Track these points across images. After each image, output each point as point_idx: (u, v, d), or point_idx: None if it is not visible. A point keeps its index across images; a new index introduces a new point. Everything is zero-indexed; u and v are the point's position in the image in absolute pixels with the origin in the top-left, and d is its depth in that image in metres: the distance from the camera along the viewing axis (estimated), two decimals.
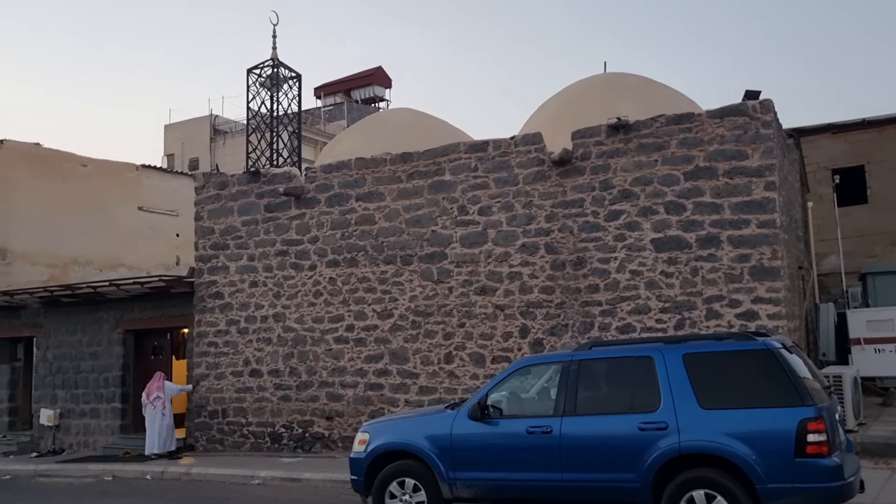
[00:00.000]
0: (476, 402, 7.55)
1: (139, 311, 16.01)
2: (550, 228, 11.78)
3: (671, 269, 10.94)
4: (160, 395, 14.47)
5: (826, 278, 19.64)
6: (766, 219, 10.46)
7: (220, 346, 14.43)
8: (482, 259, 12.24)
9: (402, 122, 15.62)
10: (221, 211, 14.65)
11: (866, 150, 21.72)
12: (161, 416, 14.38)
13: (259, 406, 13.93)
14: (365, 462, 8.03)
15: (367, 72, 45.88)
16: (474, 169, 12.42)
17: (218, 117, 40.18)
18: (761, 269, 10.43)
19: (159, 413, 14.41)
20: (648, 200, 11.15)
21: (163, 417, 14.40)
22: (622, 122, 11.30)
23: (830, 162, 21.74)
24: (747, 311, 10.46)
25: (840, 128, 22.20)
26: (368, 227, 13.19)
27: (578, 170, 11.66)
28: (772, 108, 10.57)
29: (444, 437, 7.67)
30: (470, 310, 12.27)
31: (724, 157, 10.73)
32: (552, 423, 7.17)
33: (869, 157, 21.63)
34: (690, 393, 6.70)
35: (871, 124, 21.74)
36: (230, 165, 27.46)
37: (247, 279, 14.26)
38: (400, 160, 13.04)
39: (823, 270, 19.36)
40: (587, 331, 11.40)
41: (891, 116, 22.36)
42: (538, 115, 14.35)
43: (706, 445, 6.49)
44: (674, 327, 10.82)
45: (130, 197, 22.66)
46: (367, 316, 13.09)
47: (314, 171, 13.88)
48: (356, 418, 13.00)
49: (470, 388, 12.08)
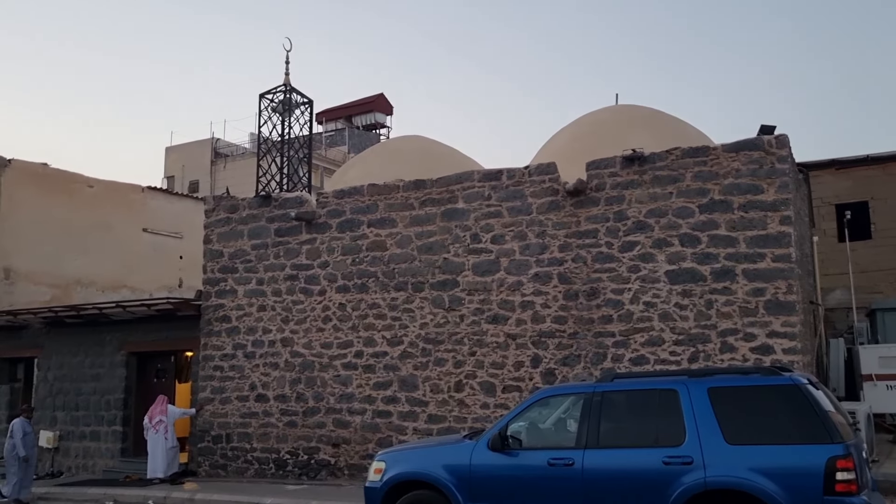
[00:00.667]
0: (496, 432, 7.48)
1: (143, 334, 15.90)
2: (564, 258, 11.78)
3: (685, 301, 10.93)
4: (163, 418, 14.30)
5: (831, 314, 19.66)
6: (781, 253, 10.47)
7: (225, 370, 14.32)
8: (494, 287, 12.22)
9: (413, 149, 15.68)
10: (231, 234, 14.63)
11: (870, 187, 21.86)
12: (164, 439, 14.20)
13: (264, 432, 13.79)
14: (381, 492, 7.93)
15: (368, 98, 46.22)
16: (487, 197, 12.44)
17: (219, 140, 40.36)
18: (776, 304, 10.42)
19: (161, 437, 14.23)
20: (663, 232, 11.17)
21: (165, 441, 14.22)
22: (637, 153, 11.36)
23: (834, 197, 21.86)
24: (762, 345, 10.43)
25: (844, 164, 22.36)
26: (380, 253, 13.18)
27: (593, 200, 11.69)
28: (787, 143, 10.65)
29: (462, 467, 7.58)
30: (481, 338, 12.21)
31: (739, 190, 10.78)
32: (574, 455, 7.10)
33: (872, 193, 21.76)
34: (716, 427, 6.64)
35: (874, 161, 21.90)
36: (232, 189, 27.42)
37: (255, 303, 14.19)
38: (413, 187, 13.06)
39: (828, 306, 19.37)
40: (600, 362, 11.35)
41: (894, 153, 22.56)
42: (550, 145, 14.43)
43: (733, 481, 6.42)
44: (688, 360, 10.78)
45: (135, 218, 22.63)
46: (376, 342, 13.02)
47: (326, 196, 13.89)
48: (363, 446, 12.89)
49: (480, 418, 12.01)
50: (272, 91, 16.30)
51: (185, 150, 39.41)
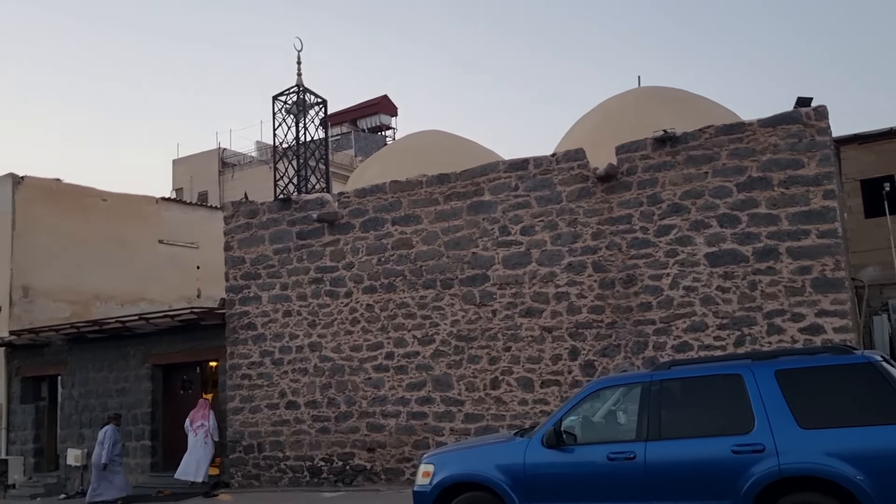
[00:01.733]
0: (550, 428, 7.14)
1: (168, 345, 15.66)
2: (597, 246, 11.44)
3: (728, 283, 10.56)
4: (205, 422, 14.18)
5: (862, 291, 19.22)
6: (826, 228, 10.10)
7: (253, 378, 14.05)
8: (526, 280, 11.88)
9: (431, 144, 15.37)
10: (252, 240, 14.35)
11: (893, 161, 21.41)
12: (203, 444, 14.07)
13: (297, 439, 13.50)
14: (431, 495, 7.61)
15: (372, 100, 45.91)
16: (515, 188, 12.11)
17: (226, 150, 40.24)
18: (824, 281, 10.05)
19: (201, 441, 14.09)
20: (700, 214, 10.81)
21: (205, 446, 14.11)
22: (669, 134, 11.00)
23: (858, 173, 21.35)
24: (811, 325, 10.06)
25: (866, 138, 21.85)
26: (406, 251, 12.87)
27: (624, 185, 11.34)
28: (826, 114, 10.27)
29: (516, 466, 7.25)
30: (515, 333, 11.89)
31: (778, 166, 10.41)
32: (635, 448, 6.76)
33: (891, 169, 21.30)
34: (787, 412, 6.29)
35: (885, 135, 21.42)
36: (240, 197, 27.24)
37: (280, 308, 13.91)
38: (436, 182, 12.74)
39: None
40: (641, 351, 11.00)
41: None
42: (575, 132, 14.08)
43: (810, 467, 6.07)
44: (733, 344, 10.42)
45: (150, 230, 22.37)
46: (407, 342, 12.72)
47: (347, 195, 13.59)
48: (399, 449, 12.58)
49: (519, 415, 11.68)
50: (285, 92, 16.02)
51: (193, 162, 39.26)
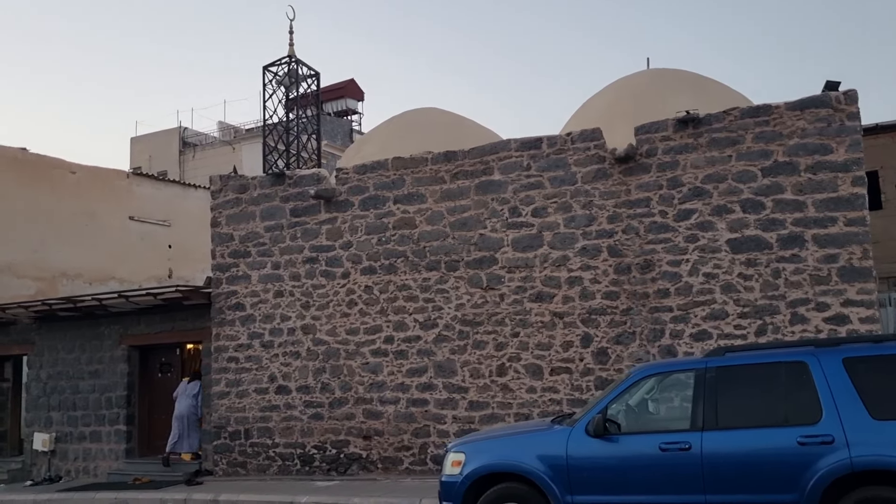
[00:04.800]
0: (597, 415, 6.71)
1: (146, 326, 14.85)
2: (614, 230, 11.04)
3: (750, 271, 10.26)
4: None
5: None
6: (854, 216, 9.85)
7: (241, 361, 13.36)
8: (537, 264, 11.44)
9: (431, 121, 14.80)
10: (242, 216, 13.62)
11: (879, 156, 21.52)
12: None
13: (287, 426, 12.87)
14: (463, 486, 7.13)
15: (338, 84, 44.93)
16: (527, 168, 11.64)
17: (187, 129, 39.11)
18: (851, 270, 9.81)
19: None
20: (722, 198, 10.48)
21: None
22: (692, 115, 10.63)
23: None
24: (837, 314, 9.81)
25: None
26: (408, 231, 12.31)
27: (643, 167, 10.96)
28: (856, 99, 10.00)
29: (558, 455, 6.81)
30: (524, 318, 11.44)
31: (805, 151, 10.12)
32: (691, 438, 6.37)
33: (882, 162, 21.41)
34: (858, 402, 5.96)
35: (883, 129, 21.47)
36: (202, 179, 26.30)
37: (271, 289, 13.24)
38: (443, 159, 12.20)
39: None
40: (657, 338, 10.65)
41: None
42: (584, 112, 13.65)
43: (886, 460, 5.75)
44: (754, 333, 10.14)
45: (121, 206, 21.37)
46: (408, 326, 12.18)
47: (346, 172, 12.96)
48: (397, 437, 12.07)
49: (526, 403, 11.27)
50: (276, 63, 15.26)
51: (152, 140, 38.03)
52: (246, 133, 38.09)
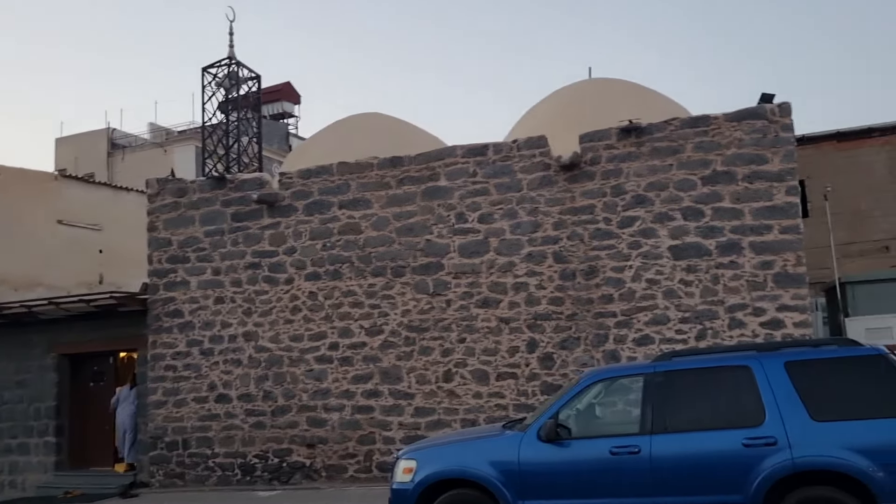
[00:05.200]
0: (549, 421, 6.75)
1: (78, 334, 14.30)
2: (559, 236, 11.18)
3: (690, 277, 10.54)
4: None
5: None
6: (788, 224, 10.23)
7: (179, 369, 13.00)
8: (483, 270, 11.49)
9: (375, 126, 14.73)
10: (180, 220, 13.28)
11: (805, 166, 22.41)
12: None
13: (227, 435, 12.58)
14: (414, 493, 7.05)
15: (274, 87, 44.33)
16: (473, 174, 11.69)
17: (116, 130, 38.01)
18: (786, 276, 10.17)
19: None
20: (664, 206, 10.74)
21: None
22: (634, 124, 10.87)
23: None
24: (772, 319, 10.16)
25: None
26: (354, 236, 12.21)
27: (588, 174, 11.14)
28: (790, 111, 10.40)
29: (510, 461, 6.81)
30: (471, 324, 11.47)
31: (742, 161, 10.46)
32: (640, 442, 6.47)
33: (808, 172, 22.33)
34: (799, 404, 6.15)
35: (809, 140, 22.44)
36: (132, 181, 25.56)
37: (211, 295, 12.93)
38: (389, 165, 12.15)
39: None
40: (601, 343, 10.83)
41: (826, 133, 23.24)
42: (528, 120, 13.79)
43: (825, 461, 5.95)
44: (695, 338, 10.41)
45: (49, 209, 20.50)
46: (353, 333, 12.07)
47: (290, 176, 12.77)
48: (342, 444, 11.93)
49: (473, 408, 11.30)
50: (216, 65, 14.94)
51: (78, 141, 36.76)
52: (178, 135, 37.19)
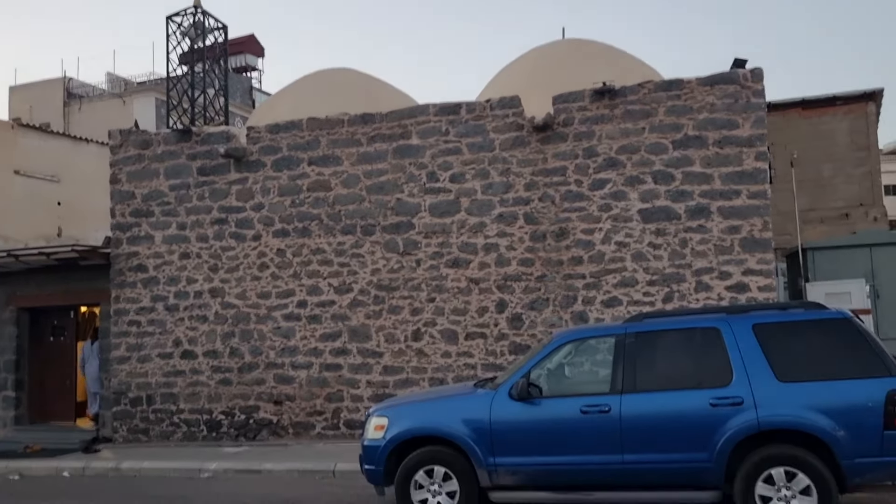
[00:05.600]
0: (521, 380, 6.82)
1: (36, 287, 13.99)
2: (530, 197, 11.18)
3: (659, 240, 10.64)
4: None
5: None
6: (756, 189, 10.35)
7: (143, 324, 12.82)
8: (454, 230, 11.47)
9: (345, 82, 14.46)
10: (144, 173, 12.97)
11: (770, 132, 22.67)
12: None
13: (193, 391, 12.50)
14: (385, 450, 7.12)
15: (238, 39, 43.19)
16: (445, 133, 11.58)
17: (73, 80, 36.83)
18: (752, 241, 10.33)
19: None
20: (635, 169, 10.78)
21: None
22: (608, 87, 10.84)
23: None
24: (737, 283, 10.34)
25: None
26: (323, 193, 12.06)
27: (560, 136, 11.11)
28: (762, 76, 10.45)
29: (481, 419, 6.89)
30: (441, 284, 11.48)
31: (714, 125, 10.52)
32: (610, 401, 6.58)
33: (772, 139, 22.58)
34: (766, 365, 6.31)
35: (775, 107, 22.68)
36: (89, 132, 24.88)
37: (176, 250, 12.72)
38: (360, 121, 11.97)
39: None
40: (570, 305, 10.92)
41: (791, 101, 23.55)
42: (500, 79, 13.66)
43: (790, 420, 6.12)
44: (662, 300, 10.55)
45: (4, 158, 19.91)
46: (322, 291, 11.99)
47: (258, 131, 12.51)
48: (310, 402, 11.94)
49: (441, 367, 11.36)
50: (181, 13, 14.47)
51: (33, 90, 35.52)
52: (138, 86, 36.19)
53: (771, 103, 22.67)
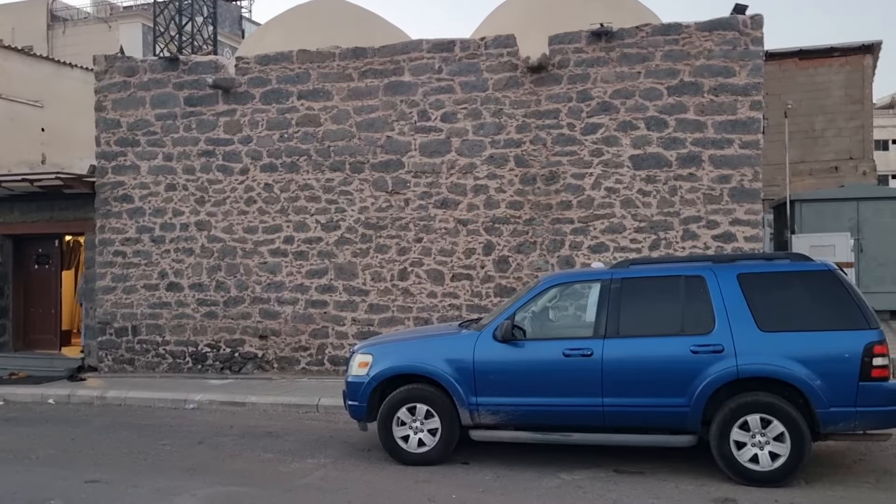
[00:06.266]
0: (505, 321, 6.86)
1: (20, 214, 13.87)
2: (521, 140, 11.07)
3: (649, 187, 10.61)
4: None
5: None
6: (749, 139, 10.30)
7: (128, 255, 12.75)
8: (444, 170, 11.37)
9: (339, 14, 14.12)
10: (130, 101, 12.71)
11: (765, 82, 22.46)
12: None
13: (178, 323, 12.53)
14: (369, 387, 7.19)
15: None
16: (438, 70, 11.38)
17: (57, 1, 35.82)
18: (741, 191, 10.32)
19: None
20: (629, 115, 10.67)
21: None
22: (605, 28, 10.64)
23: None
24: (724, 232, 10.37)
25: None
26: (312, 128, 11.89)
27: (555, 78, 10.95)
28: (762, 23, 10.28)
29: (465, 359, 6.95)
30: (428, 224, 11.44)
31: (710, 72, 10.39)
32: (593, 345, 6.65)
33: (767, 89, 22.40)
34: (748, 315, 6.36)
35: (771, 56, 22.40)
36: (73, 57, 24.31)
37: (162, 181, 12.57)
38: (351, 55, 11.73)
39: None
40: (557, 249, 10.94)
41: (788, 50, 23.24)
42: (496, 18, 13.37)
43: (768, 369, 6.21)
44: (649, 248, 10.59)
45: None
46: (309, 227, 11.94)
47: (247, 61, 12.24)
48: (295, 337, 12.01)
49: (426, 307, 11.42)
50: None
51: (14, 11, 34.56)
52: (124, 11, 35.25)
53: (768, 52, 22.38)
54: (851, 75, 23.27)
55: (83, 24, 34.18)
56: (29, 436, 8.99)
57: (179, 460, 7.62)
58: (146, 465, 7.46)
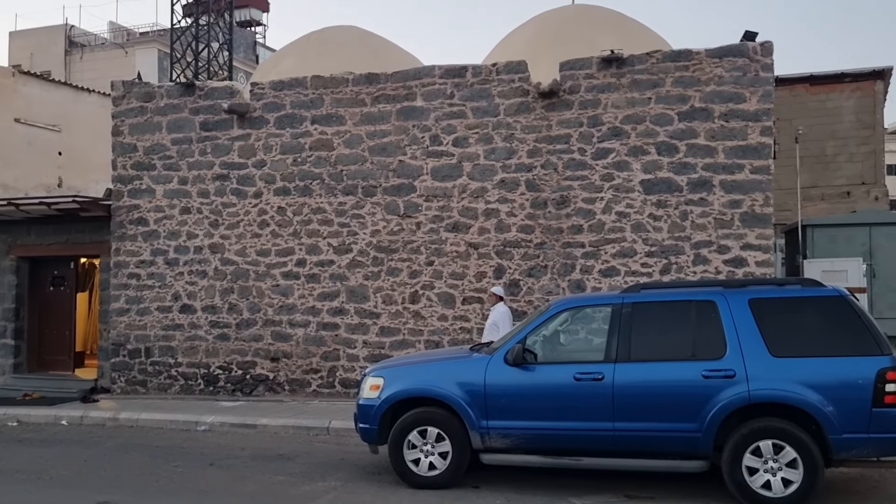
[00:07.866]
0: (516, 345, 6.89)
1: (37, 236, 14.04)
2: (533, 164, 11.15)
3: (660, 212, 10.65)
4: None
5: None
6: (760, 164, 10.33)
7: (143, 277, 12.87)
8: (455, 194, 11.46)
9: (351, 40, 14.32)
10: (146, 126, 12.91)
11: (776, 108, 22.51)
12: None
13: (191, 345, 12.60)
14: (380, 409, 7.22)
15: None
16: (450, 96, 11.51)
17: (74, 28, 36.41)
18: (752, 216, 10.34)
19: None
20: (639, 140, 10.74)
21: None
22: (616, 55, 10.75)
23: None
24: (735, 257, 10.37)
25: None
26: (325, 153, 12.02)
27: (566, 103, 11.05)
28: (772, 50, 10.36)
29: (476, 382, 6.98)
30: (440, 247, 11.51)
31: (721, 98, 10.46)
32: (604, 369, 6.66)
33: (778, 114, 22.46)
34: (759, 340, 6.37)
35: (782, 82, 22.49)
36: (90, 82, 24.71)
37: (177, 205, 12.72)
38: (364, 81, 11.89)
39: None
40: (568, 273, 10.97)
41: (799, 76, 23.32)
42: (508, 44, 13.53)
43: (780, 394, 6.20)
44: (660, 272, 10.60)
45: (5, 107, 19.79)
46: (321, 250, 12.03)
47: (262, 87, 12.43)
48: (306, 360, 12.05)
49: (437, 330, 11.45)
50: None
51: (34, 37, 35.17)
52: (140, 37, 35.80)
53: (778, 77, 22.48)
54: (862, 101, 23.31)
55: (100, 49, 34.71)
56: (42, 457, 9.05)
57: (191, 482, 7.65)
58: (158, 487, 7.50)
